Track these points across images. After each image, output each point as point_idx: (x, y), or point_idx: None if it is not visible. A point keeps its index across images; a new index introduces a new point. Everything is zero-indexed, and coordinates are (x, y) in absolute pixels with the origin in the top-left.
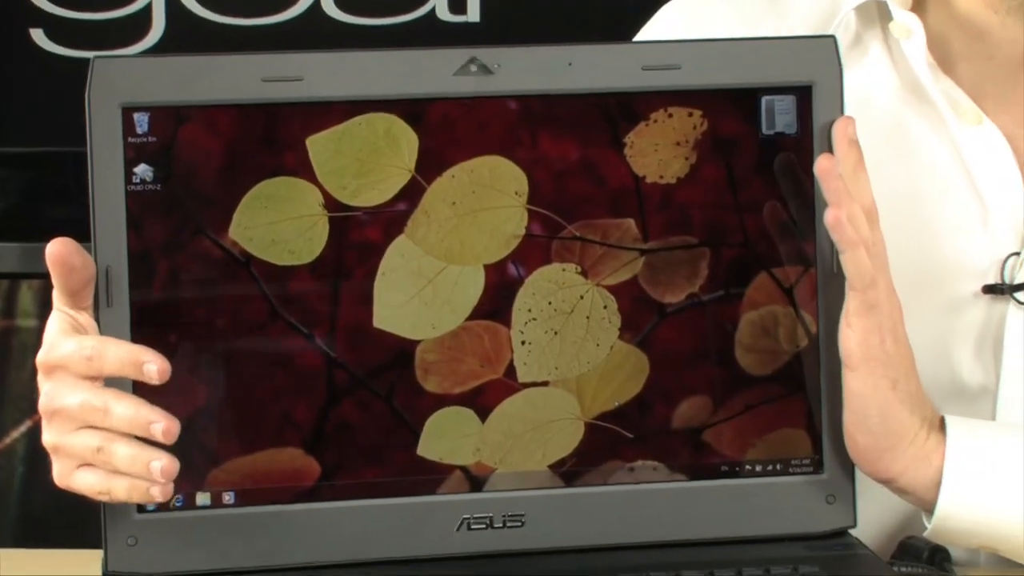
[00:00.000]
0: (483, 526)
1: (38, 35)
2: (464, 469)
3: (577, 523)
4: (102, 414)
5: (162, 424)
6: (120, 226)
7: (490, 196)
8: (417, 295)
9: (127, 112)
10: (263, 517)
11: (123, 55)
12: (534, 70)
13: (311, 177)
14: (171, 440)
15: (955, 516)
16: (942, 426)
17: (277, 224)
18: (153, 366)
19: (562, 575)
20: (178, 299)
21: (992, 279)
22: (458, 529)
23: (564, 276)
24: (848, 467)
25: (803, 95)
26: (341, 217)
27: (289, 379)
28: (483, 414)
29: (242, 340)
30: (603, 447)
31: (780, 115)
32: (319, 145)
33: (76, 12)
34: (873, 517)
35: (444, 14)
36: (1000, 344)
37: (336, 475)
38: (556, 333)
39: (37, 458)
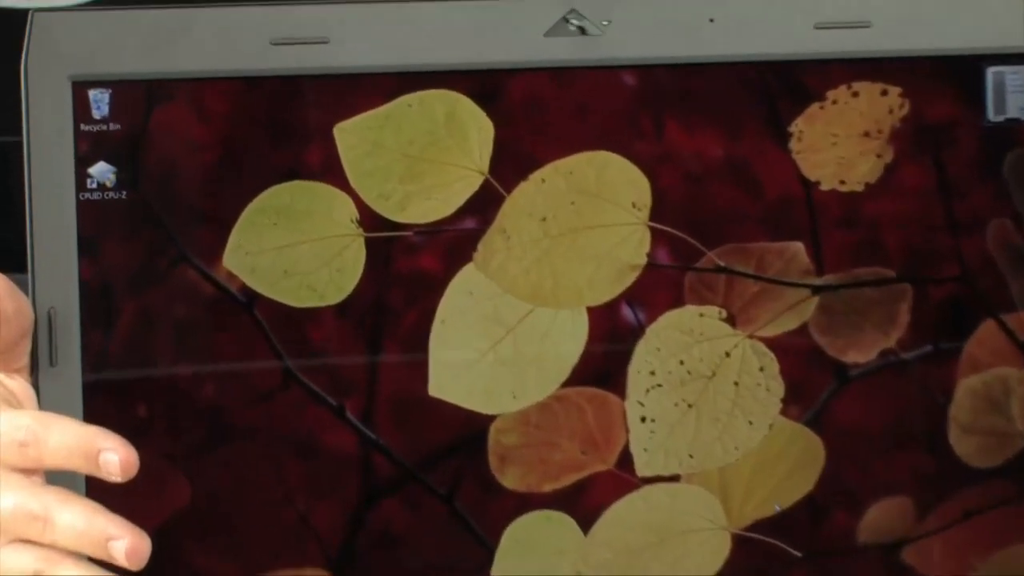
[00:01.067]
0: None
1: None
2: None
3: None
4: (41, 525)
5: (125, 541)
6: (68, 251)
7: (596, 209)
8: (491, 351)
9: (79, 88)
10: None
11: (73, 5)
12: (659, 29)
13: (340, 181)
14: (138, 564)
15: None
16: None
17: (292, 248)
18: (114, 455)
19: None
20: (151, 356)
21: None
22: None
23: (702, 324)
24: None
25: None
26: (383, 239)
27: (309, 470)
28: (586, 521)
29: (243, 414)
30: (759, 569)
31: (1014, 94)
32: (352, 136)
33: None
34: None
35: None
36: None
37: None
38: (691, 406)
39: None
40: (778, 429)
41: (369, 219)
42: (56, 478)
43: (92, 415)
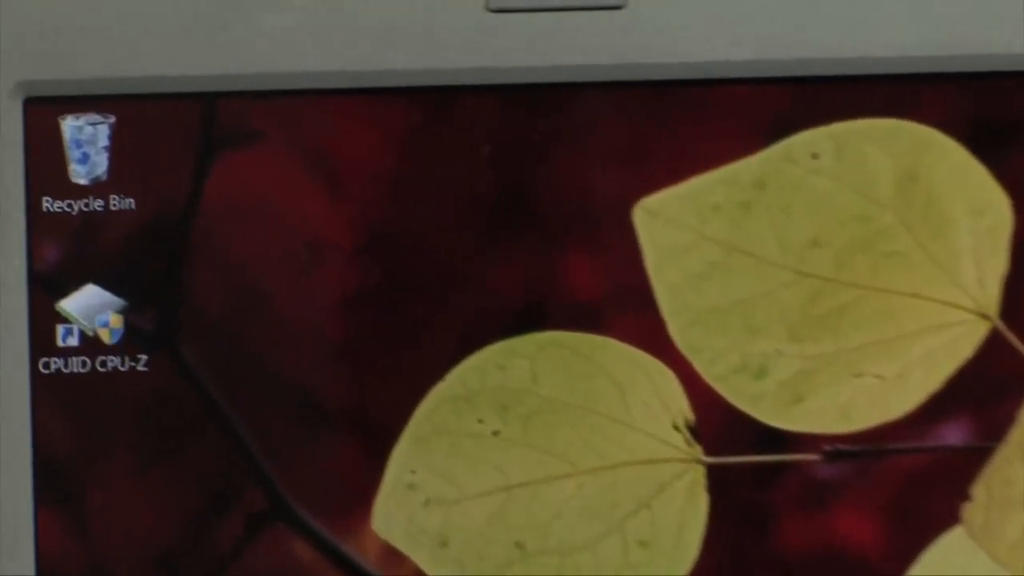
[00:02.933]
0: None
1: None
2: None
3: None
4: None
5: None
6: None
7: None
8: None
9: (35, 109)
10: None
11: None
12: None
13: (645, 331)
14: None
15: None
16: None
17: (523, 491)
18: None
19: None
20: None
21: None
22: None
23: None
24: None
25: None
26: (746, 470)
27: None
28: None
29: None
30: None
31: None
32: (670, 227)
33: None
34: None
35: None
36: None
37: None
38: None
39: None
40: None
41: (714, 421)
42: None
43: None
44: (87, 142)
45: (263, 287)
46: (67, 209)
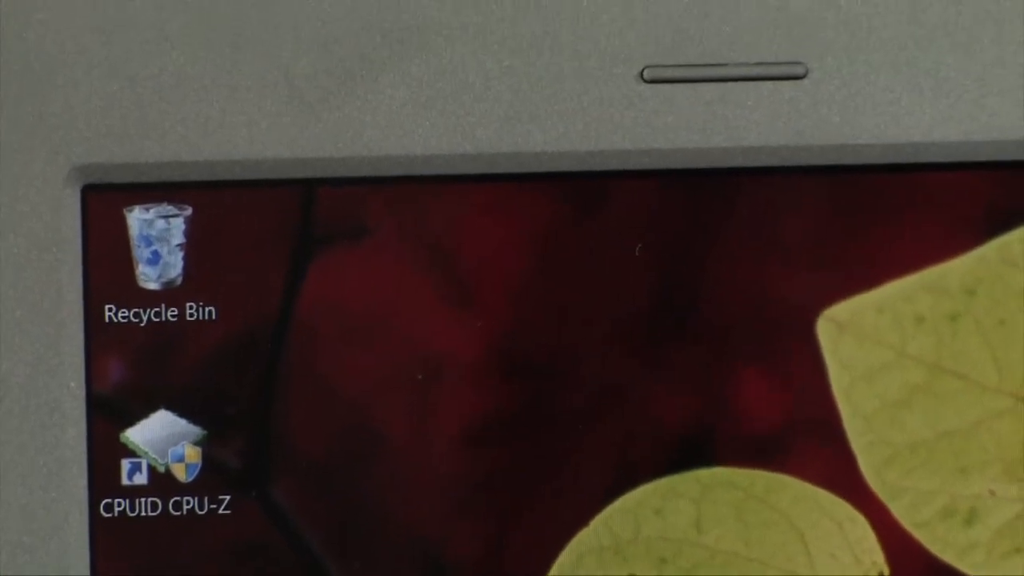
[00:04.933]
0: None
1: None
2: None
3: None
4: None
5: None
6: None
7: None
8: None
9: (97, 198)
10: None
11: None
12: None
13: (833, 470)
14: None
15: None
16: None
17: None
18: None
19: None
20: None
21: None
22: None
23: None
24: None
25: None
26: None
27: None
28: None
29: None
30: None
31: None
32: (866, 345)
33: None
34: None
35: None
36: None
37: None
38: None
39: None
40: None
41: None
42: None
43: None
44: (158, 238)
45: (371, 415)
46: (134, 319)
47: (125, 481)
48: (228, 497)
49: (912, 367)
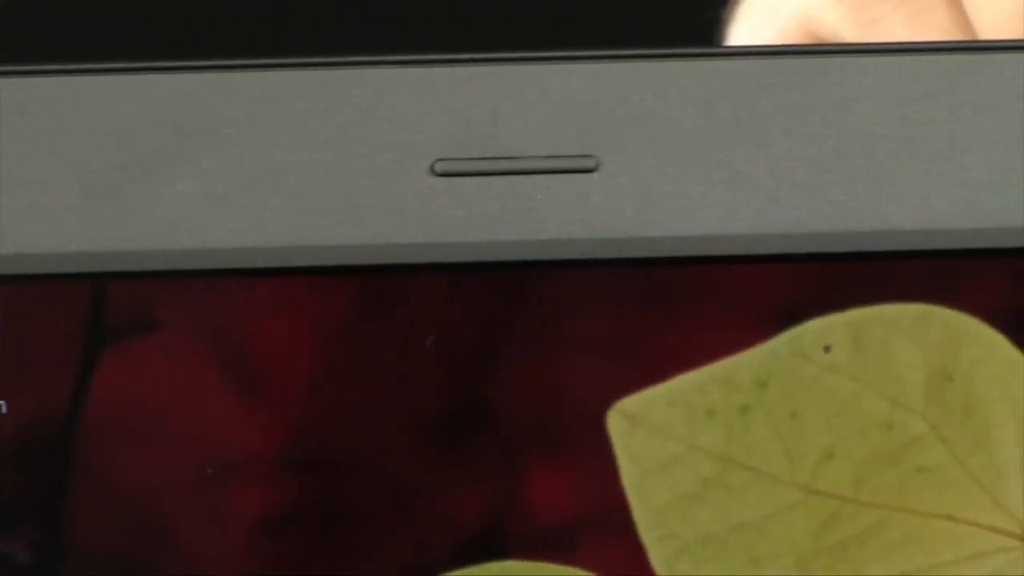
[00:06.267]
0: None
1: None
2: None
3: None
4: None
5: None
6: None
7: None
8: None
9: None
10: None
11: None
12: None
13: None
14: None
15: None
16: None
17: None
18: None
19: None
20: None
21: None
22: None
23: None
24: None
25: None
26: None
27: None
28: None
29: None
30: None
31: None
32: (656, 439)
33: None
34: None
35: None
36: None
37: None
38: None
39: None
40: None
41: None
42: None
43: None
44: None
45: (162, 510)
46: None
47: None
48: None
49: (703, 460)
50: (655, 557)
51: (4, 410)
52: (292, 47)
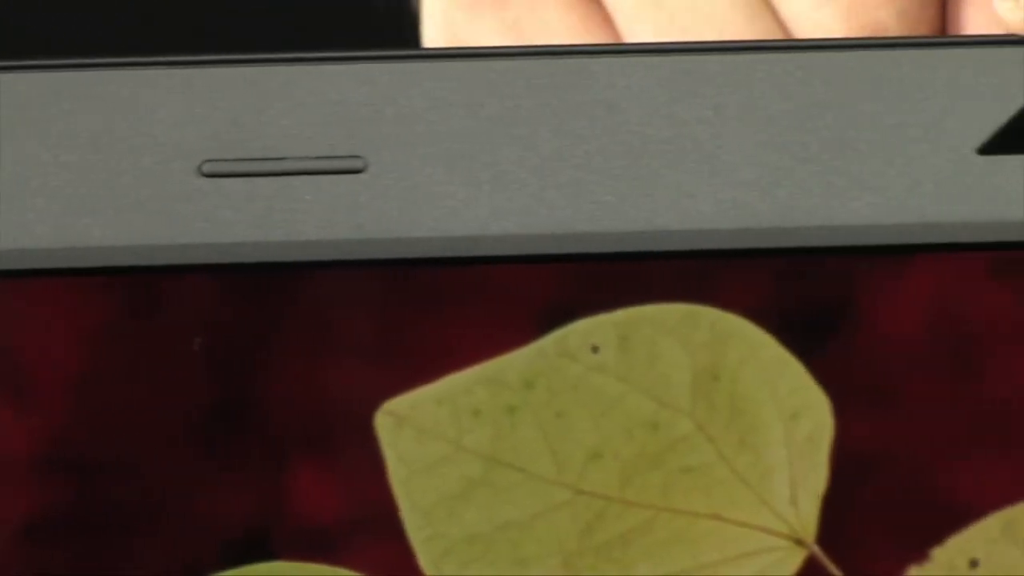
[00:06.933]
0: None
1: None
2: None
3: None
4: None
5: None
6: None
7: None
8: None
9: None
10: None
11: None
12: None
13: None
14: None
15: None
16: None
17: None
18: None
19: None
20: None
21: None
22: None
23: None
24: None
25: None
26: None
27: None
28: None
29: None
30: None
31: None
32: (421, 439)
33: None
34: None
35: None
36: None
37: None
38: None
39: None
40: None
41: None
42: None
43: None
44: None
45: None
46: None
47: None
48: None
49: (469, 460)
50: (423, 557)
51: None
52: (59, 48)
